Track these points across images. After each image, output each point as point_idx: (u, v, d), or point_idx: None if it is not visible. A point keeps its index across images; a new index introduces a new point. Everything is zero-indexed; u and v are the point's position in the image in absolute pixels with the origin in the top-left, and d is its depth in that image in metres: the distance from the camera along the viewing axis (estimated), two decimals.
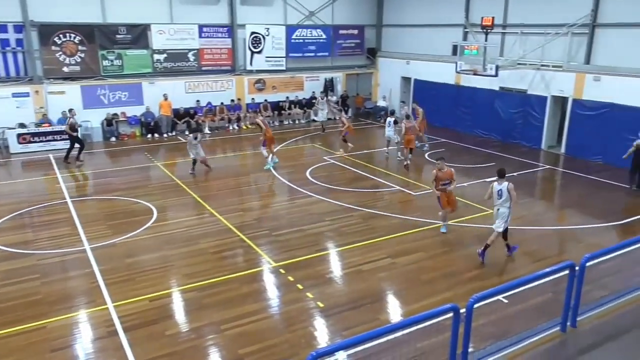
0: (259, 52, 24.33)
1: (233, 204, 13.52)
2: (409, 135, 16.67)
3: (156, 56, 22.11)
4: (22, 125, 19.50)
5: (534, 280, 6.56)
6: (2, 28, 19.26)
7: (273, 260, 10.22)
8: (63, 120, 19.91)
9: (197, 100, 22.90)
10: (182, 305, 8.70)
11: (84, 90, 20.81)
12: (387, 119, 18.42)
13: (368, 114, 26.36)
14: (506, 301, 7.80)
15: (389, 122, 18.17)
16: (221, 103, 23.35)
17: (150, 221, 12.24)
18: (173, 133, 21.87)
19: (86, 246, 10.85)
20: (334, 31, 26.04)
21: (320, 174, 16.10)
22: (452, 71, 20.50)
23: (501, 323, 7.21)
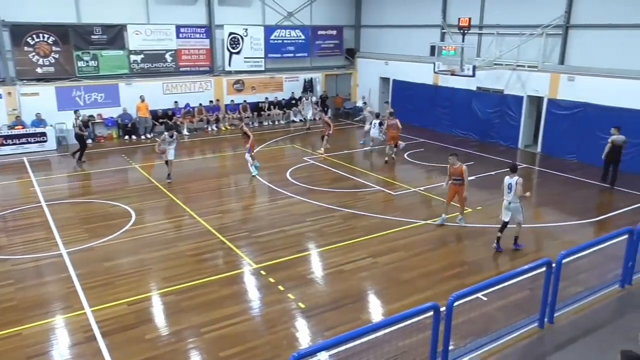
0: (238, 53, 24.21)
1: (212, 206, 13.41)
2: (392, 132, 17.25)
3: (133, 57, 21.83)
4: None
5: (512, 277, 6.68)
6: None
7: (254, 261, 10.17)
8: (37, 122, 19.55)
9: (175, 101, 22.67)
10: (162, 308, 8.59)
11: (59, 91, 20.43)
12: (373, 121, 18.97)
13: (348, 115, 26.43)
14: (485, 299, 7.90)
15: (375, 124, 18.71)
16: (200, 104, 23.17)
17: (128, 224, 12.07)
18: (151, 135, 21.62)
19: (62, 250, 10.64)
20: (313, 32, 26.06)
21: (300, 175, 16.08)
22: (430, 71, 20.69)
23: (481, 320, 7.30)
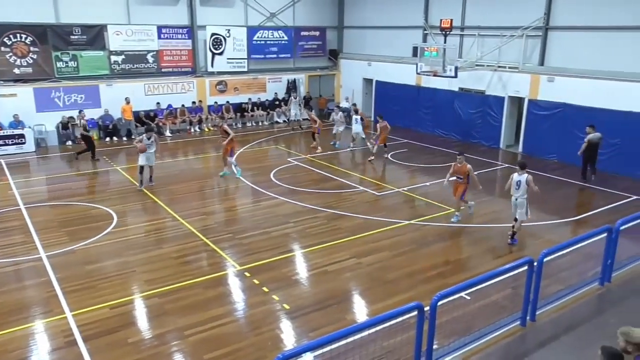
0: (220, 54, 24.07)
1: (196, 208, 13.31)
2: (384, 134, 17.90)
3: (113, 57, 21.56)
4: None
5: (495, 276, 6.74)
6: None
7: (237, 263, 10.12)
8: (15, 124, 19.19)
9: (158, 102, 22.46)
10: (145, 311, 8.50)
11: (37, 92, 20.08)
12: (354, 116, 19.32)
13: (331, 115, 26.36)
14: (469, 298, 7.97)
15: (356, 119, 19.06)
16: (182, 105, 22.98)
17: (110, 227, 11.92)
18: (133, 137, 21.38)
19: (42, 254, 10.46)
20: (296, 33, 26.03)
21: (284, 176, 16.05)
22: (413, 72, 20.82)
23: (464, 319, 7.35)
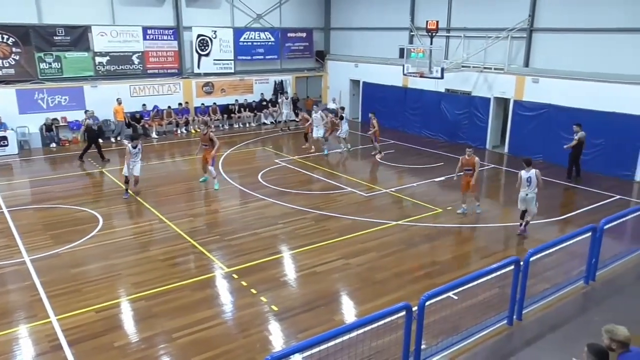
0: (207, 55, 23.96)
1: (183, 210, 13.22)
2: (377, 132, 18.59)
3: (98, 59, 21.34)
4: None
5: (482, 276, 6.79)
6: None
7: (225, 265, 10.07)
8: None
9: (144, 104, 22.27)
10: (132, 315, 8.42)
11: (20, 94, 19.81)
12: (342, 115, 19.65)
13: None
14: (456, 297, 8.01)
15: (345, 119, 19.52)
16: (168, 107, 22.82)
17: (95, 229, 11.79)
18: (119, 138, 21.19)
19: (25, 257, 10.31)
20: (282, 34, 25.99)
21: (272, 177, 16.01)
22: (400, 74, 20.92)
23: (452, 319, 7.39)
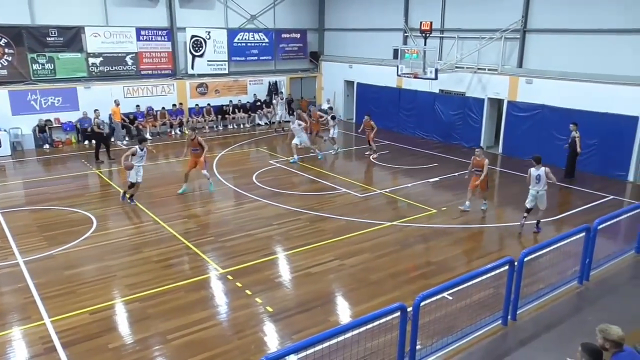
0: (201, 56, 23.91)
1: (177, 211, 13.19)
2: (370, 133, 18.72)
3: (91, 60, 21.25)
4: None
5: (477, 276, 6.81)
6: None
7: (220, 266, 10.05)
8: None
9: (137, 105, 22.20)
10: (126, 316, 8.39)
11: (13, 95, 19.70)
12: (331, 115, 19.85)
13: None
14: (451, 298, 8.03)
15: (335, 122, 19.68)
16: (162, 108, 22.76)
17: (89, 231, 11.74)
18: (112, 139, 21.08)
19: (19, 259, 10.25)
20: (277, 35, 25.99)
21: (266, 178, 16.00)
22: (394, 74, 20.97)
23: (447, 320, 7.41)
